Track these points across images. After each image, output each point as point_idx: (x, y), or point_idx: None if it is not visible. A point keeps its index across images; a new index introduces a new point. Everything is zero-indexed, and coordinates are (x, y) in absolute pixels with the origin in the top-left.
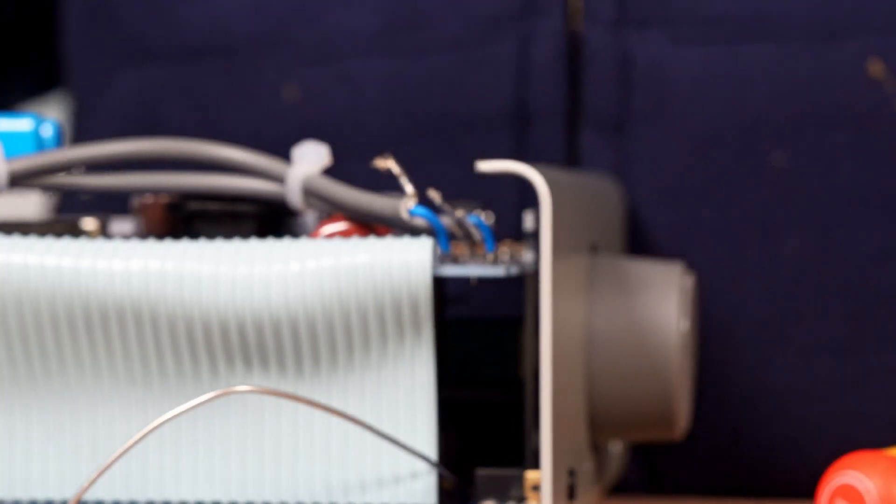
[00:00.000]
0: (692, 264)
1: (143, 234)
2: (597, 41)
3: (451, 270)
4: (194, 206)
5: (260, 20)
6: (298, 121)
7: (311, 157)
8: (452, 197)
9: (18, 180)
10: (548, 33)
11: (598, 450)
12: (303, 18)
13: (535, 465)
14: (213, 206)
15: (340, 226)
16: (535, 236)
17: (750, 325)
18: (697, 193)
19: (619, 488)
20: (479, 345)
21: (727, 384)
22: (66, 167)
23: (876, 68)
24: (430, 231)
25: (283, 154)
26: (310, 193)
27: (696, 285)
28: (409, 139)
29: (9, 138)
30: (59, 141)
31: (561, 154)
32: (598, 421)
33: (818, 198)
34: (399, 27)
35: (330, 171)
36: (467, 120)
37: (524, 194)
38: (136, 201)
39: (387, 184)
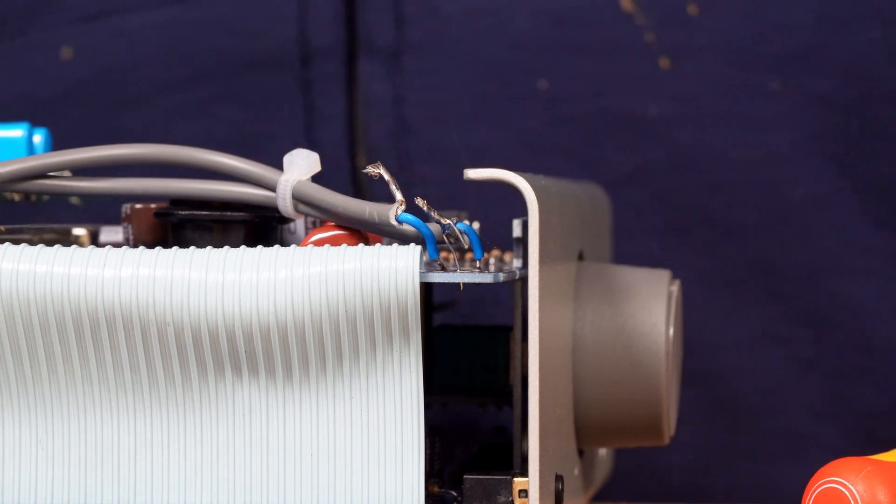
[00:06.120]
0: (468, 191)
1: (133, 241)
2: None
3: (439, 277)
4: (184, 213)
5: None
6: (74, 79)
7: (301, 164)
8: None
9: (7, 183)
10: None
11: (585, 455)
12: None
13: (523, 470)
14: (202, 214)
15: (330, 233)
16: (523, 243)
17: None
18: (470, 116)
19: (605, 494)
20: (466, 351)
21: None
22: (56, 170)
23: (627, 3)
24: (419, 238)
25: (60, 112)
26: (300, 200)
27: (681, 291)
28: (190, 85)
29: (1, 145)
30: (49, 148)
31: (341, 85)
32: (586, 427)
33: (577, 121)
34: None
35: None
36: (248, 61)
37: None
38: (125, 208)
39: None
